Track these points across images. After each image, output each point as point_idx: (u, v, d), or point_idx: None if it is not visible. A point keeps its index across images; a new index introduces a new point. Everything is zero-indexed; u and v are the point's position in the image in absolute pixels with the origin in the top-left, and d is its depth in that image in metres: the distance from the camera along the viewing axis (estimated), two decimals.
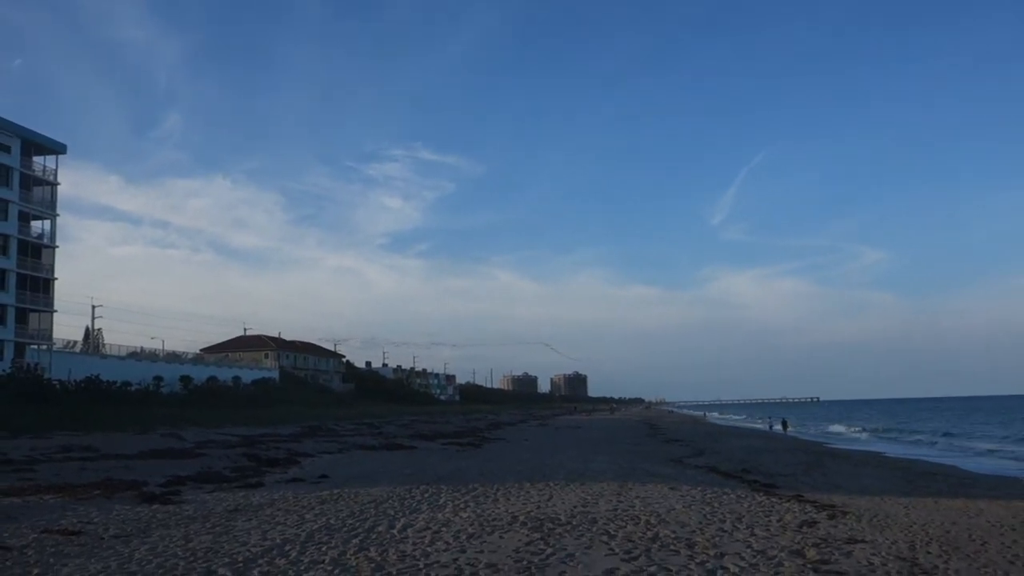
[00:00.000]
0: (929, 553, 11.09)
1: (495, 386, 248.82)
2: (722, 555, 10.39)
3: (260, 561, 10.00)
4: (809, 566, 9.78)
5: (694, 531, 12.34)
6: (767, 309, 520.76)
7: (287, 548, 10.87)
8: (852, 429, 77.00)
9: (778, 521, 13.61)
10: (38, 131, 68.00)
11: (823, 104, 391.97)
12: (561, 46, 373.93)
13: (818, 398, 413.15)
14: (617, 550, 10.72)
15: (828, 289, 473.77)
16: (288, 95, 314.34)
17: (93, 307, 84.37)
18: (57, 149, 69.90)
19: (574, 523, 13.09)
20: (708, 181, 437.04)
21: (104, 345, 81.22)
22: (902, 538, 12.31)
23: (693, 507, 15.24)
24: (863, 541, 11.76)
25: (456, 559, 10.11)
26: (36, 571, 9.38)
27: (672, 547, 10.95)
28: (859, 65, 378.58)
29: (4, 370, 55.08)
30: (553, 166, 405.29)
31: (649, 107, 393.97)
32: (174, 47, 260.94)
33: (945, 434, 62.94)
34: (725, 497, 17.09)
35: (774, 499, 17.13)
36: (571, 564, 9.82)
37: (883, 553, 10.84)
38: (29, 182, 66.79)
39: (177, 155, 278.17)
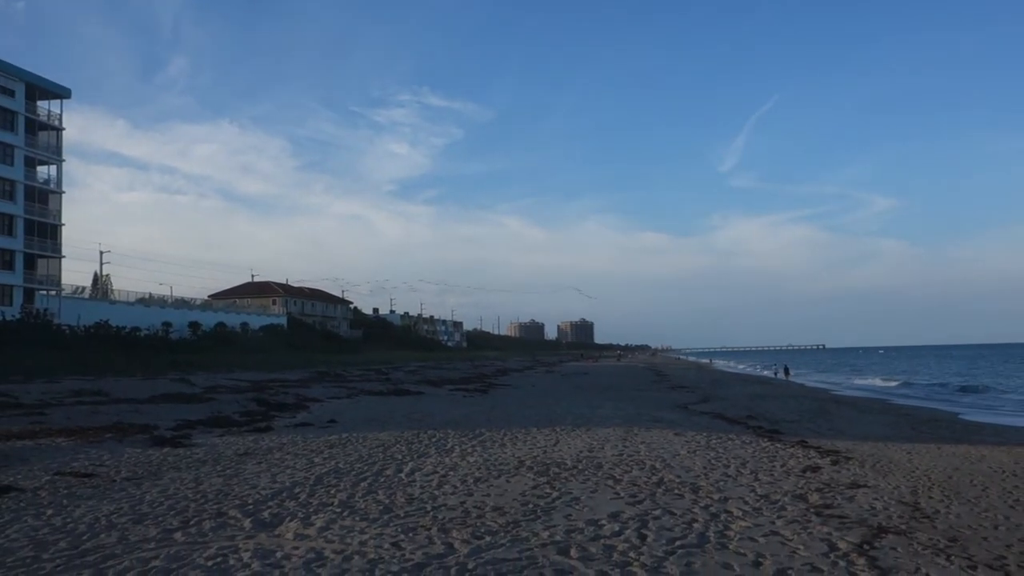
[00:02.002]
0: (931, 498, 11.18)
1: (502, 333, 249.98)
2: (726, 499, 10.50)
3: (270, 503, 10.14)
4: (812, 510, 9.88)
5: (699, 476, 12.46)
6: (775, 256, 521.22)
7: (296, 491, 11.02)
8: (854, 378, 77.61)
9: (782, 466, 13.73)
10: (42, 75, 67.45)
11: (833, 52, 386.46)
12: None
13: (824, 345, 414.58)
14: (622, 494, 10.84)
15: (837, 236, 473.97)
16: (294, 39, 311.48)
17: (101, 253, 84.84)
18: (62, 93, 69.37)
19: (580, 468, 13.22)
20: (718, 128, 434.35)
21: (112, 291, 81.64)
22: (904, 483, 12.40)
23: (698, 452, 15.37)
24: (866, 486, 11.86)
25: (463, 502, 10.24)
26: (50, 512, 9.54)
27: (677, 491, 11.07)
28: (869, 12, 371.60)
29: (14, 315, 55.50)
30: (562, 112, 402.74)
31: (659, 54, 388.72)
32: None
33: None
34: (730, 443, 17.24)
35: (778, 445, 17.26)
36: (577, 508, 9.93)
37: (885, 498, 10.94)
38: (34, 127, 66.41)
39: (183, 100, 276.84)
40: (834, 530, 8.80)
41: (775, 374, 78.77)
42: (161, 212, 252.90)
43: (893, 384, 61.85)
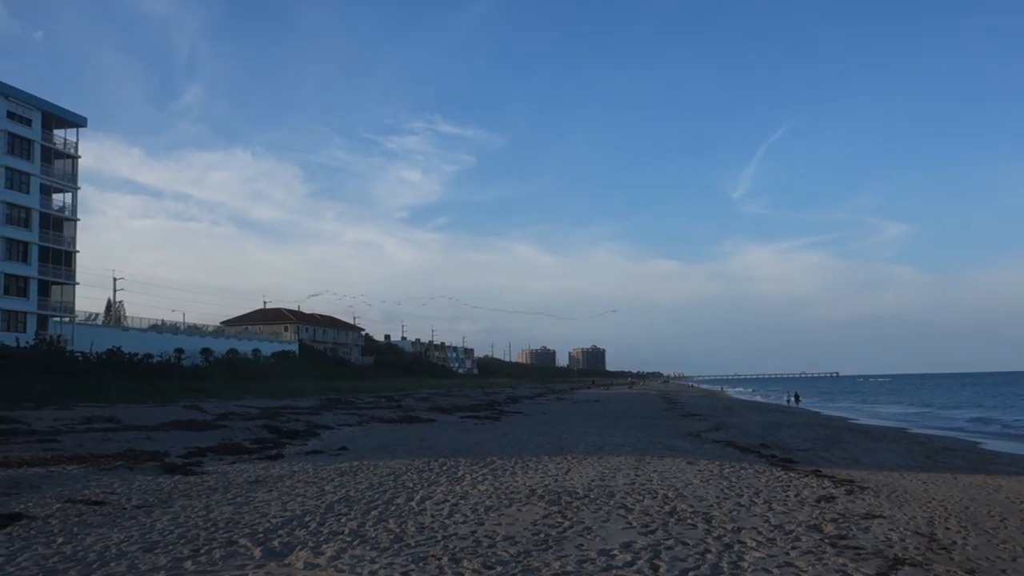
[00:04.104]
0: (948, 529, 11.04)
1: (513, 359, 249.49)
2: (739, 529, 10.39)
3: (280, 532, 10.10)
4: (827, 541, 9.76)
5: (712, 505, 12.35)
6: (787, 283, 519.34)
7: (307, 519, 10.97)
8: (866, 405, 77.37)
9: (796, 496, 13.59)
10: (59, 104, 68.31)
11: (844, 77, 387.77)
12: (583, 18, 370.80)
13: (837, 373, 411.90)
14: (634, 524, 10.74)
15: (848, 263, 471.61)
16: (307, 66, 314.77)
17: (115, 279, 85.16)
18: (78, 122, 70.17)
19: (592, 496, 13.12)
20: (729, 154, 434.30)
21: (126, 317, 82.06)
22: (920, 513, 12.26)
23: (711, 481, 15.24)
24: (881, 516, 11.72)
25: (474, 531, 10.17)
26: (60, 540, 9.52)
27: (689, 521, 10.96)
28: (881, 37, 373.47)
29: (28, 342, 55.74)
30: (573, 139, 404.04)
31: (670, 80, 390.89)
32: (195, 18, 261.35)
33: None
34: (743, 472, 17.08)
35: (792, 474, 17.09)
36: (588, 537, 9.84)
37: (901, 528, 10.81)
38: (50, 155, 67.15)
39: (197, 128, 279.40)
40: (849, 561, 8.69)
41: (786, 401, 78.79)
42: (174, 239, 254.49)
43: (907, 412, 61.57)
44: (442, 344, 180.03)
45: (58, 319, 66.86)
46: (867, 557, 8.93)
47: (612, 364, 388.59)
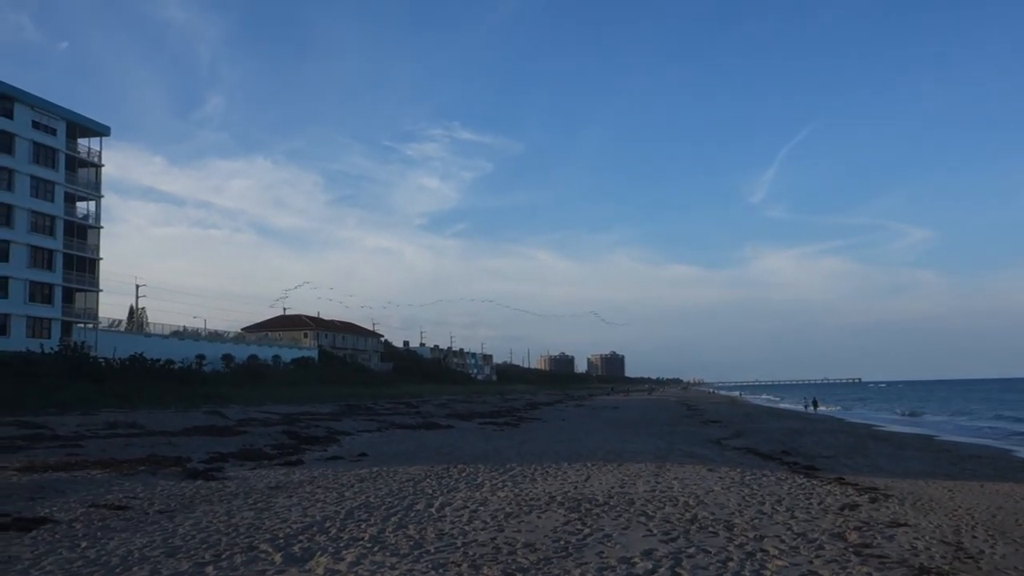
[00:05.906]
0: (975, 537, 10.90)
1: (532, 366, 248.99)
2: (762, 537, 10.30)
3: (300, 537, 10.12)
4: (851, 549, 9.65)
5: (733, 513, 12.26)
6: (808, 288, 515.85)
7: (327, 525, 10.99)
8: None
9: (819, 504, 13.46)
10: (83, 113, 69.02)
11: (866, 82, 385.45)
12: (600, 22, 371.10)
13: (859, 379, 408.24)
14: (655, 531, 10.68)
15: (871, 268, 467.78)
16: (327, 75, 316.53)
17: (137, 286, 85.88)
18: (101, 131, 70.84)
19: (612, 504, 13.06)
20: (749, 159, 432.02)
21: (148, 324, 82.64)
22: (946, 522, 12.11)
23: (732, 489, 15.13)
24: (906, 525, 11.59)
25: (494, 538, 10.14)
26: (84, 544, 9.59)
27: (711, 529, 10.88)
28: (903, 43, 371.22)
29: (52, 348, 56.22)
30: (591, 144, 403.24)
31: (689, 85, 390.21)
32: (215, 28, 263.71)
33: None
34: (764, 479, 16.95)
35: (814, 481, 16.95)
36: (608, 545, 9.80)
37: (927, 537, 10.68)
38: (74, 164, 67.79)
39: (219, 136, 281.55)
40: (874, 570, 8.59)
41: (805, 407, 78.37)
42: (196, 246, 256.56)
43: (932, 418, 60.96)
44: (461, 350, 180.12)
45: (82, 326, 67.40)
46: (892, 566, 8.83)
47: (631, 370, 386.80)
